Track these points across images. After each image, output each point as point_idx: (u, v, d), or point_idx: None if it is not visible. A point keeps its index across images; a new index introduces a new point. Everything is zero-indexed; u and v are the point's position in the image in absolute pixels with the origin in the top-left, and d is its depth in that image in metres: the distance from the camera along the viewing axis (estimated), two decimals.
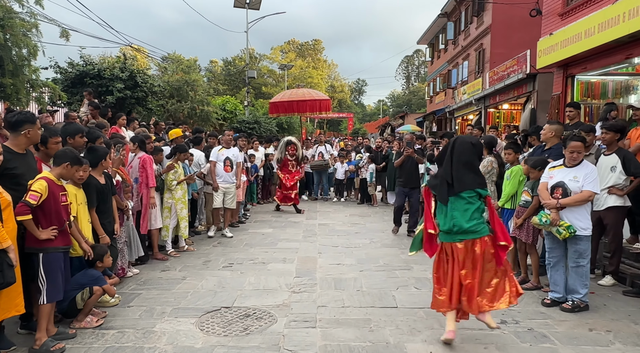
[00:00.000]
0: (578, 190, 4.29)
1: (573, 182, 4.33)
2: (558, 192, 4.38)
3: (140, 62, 22.84)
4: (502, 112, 17.86)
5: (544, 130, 5.61)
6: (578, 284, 4.38)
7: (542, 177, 4.66)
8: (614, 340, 3.80)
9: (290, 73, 50.54)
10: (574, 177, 4.35)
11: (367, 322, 4.13)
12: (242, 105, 24.97)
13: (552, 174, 4.52)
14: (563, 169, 4.47)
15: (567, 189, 4.34)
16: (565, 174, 4.41)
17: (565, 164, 4.50)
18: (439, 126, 26.36)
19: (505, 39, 18.62)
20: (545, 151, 5.63)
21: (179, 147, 6.72)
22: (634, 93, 10.26)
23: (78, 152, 3.99)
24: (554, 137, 5.51)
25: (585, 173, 4.32)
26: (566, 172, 4.43)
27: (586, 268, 4.37)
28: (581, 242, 4.34)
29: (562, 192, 4.36)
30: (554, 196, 4.40)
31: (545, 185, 4.53)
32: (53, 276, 3.59)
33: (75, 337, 3.77)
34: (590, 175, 4.31)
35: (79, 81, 12.88)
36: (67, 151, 3.89)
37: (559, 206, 4.34)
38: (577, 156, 4.39)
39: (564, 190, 4.36)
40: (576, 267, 4.39)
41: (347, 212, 10.66)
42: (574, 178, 4.34)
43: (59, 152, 3.90)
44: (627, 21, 7.75)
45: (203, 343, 3.71)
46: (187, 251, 6.73)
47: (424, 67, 63.30)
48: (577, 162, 4.41)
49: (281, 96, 14.79)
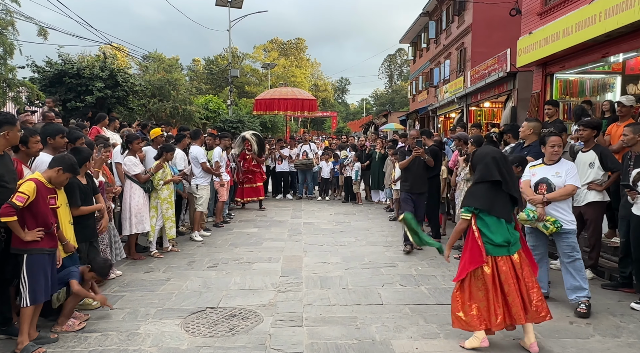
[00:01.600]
0: (562, 184, 4.36)
1: (556, 177, 4.40)
2: (542, 188, 4.44)
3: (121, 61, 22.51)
4: (484, 110, 18.09)
5: (523, 127, 5.73)
6: (580, 279, 4.35)
7: (523, 176, 4.72)
8: (593, 333, 3.89)
9: (274, 72, 50.41)
10: (556, 172, 4.43)
11: (353, 320, 4.15)
12: (225, 105, 24.81)
13: (534, 172, 4.59)
14: (544, 167, 4.55)
15: (551, 185, 4.40)
16: (547, 171, 4.49)
17: (544, 161, 4.58)
18: (421, 124, 26.59)
19: (486, 38, 18.89)
20: (524, 148, 5.75)
21: (166, 147, 6.62)
22: (610, 91, 10.49)
23: (75, 161, 3.91)
24: (532, 134, 5.63)
25: (567, 168, 4.41)
26: (547, 169, 4.51)
27: (580, 260, 4.41)
28: (571, 236, 4.39)
29: (546, 187, 4.43)
30: (538, 192, 4.45)
31: (527, 182, 4.60)
32: (35, 278, 3.52)
33: (57, 341, 3.70)
34: (571, 170, 4.41)
35: (57, 80, 12.61)
36: (65, 157, 3.84)
37: (545, 200, 4.39)
38: (558, 149, 4.46)
39: (548, 185, 4.41)
40: (572, 262, 4.38)
41: (332, 210, 10.68)
42: (557, 174, 4.41)
43: (58, 156, 3.86)
44: (603, 21, 7.92)
45: (189, 345, 3.68)
46: (171, 252, 6.66)
47: (406, 65, 63.73)
48: (557, 158, 4.49)
49: (265, 94, 14.77)
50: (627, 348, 3.61)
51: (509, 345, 3.66)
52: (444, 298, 4.70)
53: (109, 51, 17.96)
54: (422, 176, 6.83)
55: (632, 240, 4.58)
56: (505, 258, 3.51)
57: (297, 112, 14.76)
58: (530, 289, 3.51)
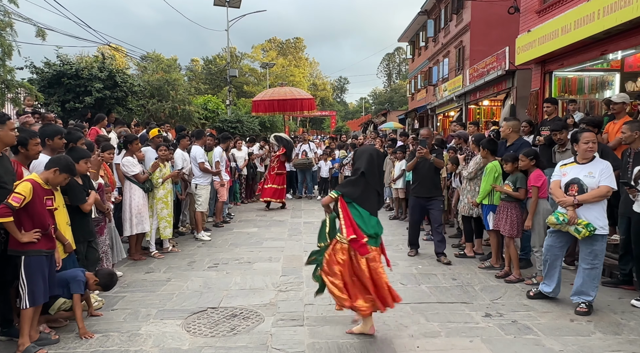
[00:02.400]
0: (595, 186, 4.13)
1: (589, 178, 4.17)
2: (573, 189, 4.22)
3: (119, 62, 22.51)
4: (483, 108, 18.10)
5: (503, 127, 5.84)
6: (590, 287, 4.23)
7: (553, 175, 4.51)
8: (594, 330, 3.89)
9: (272, 71, 50.37)
10: (589, 172, 4.18)
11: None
12: (224, 105, 24.79)
13: (565, 171, 4.36)
14: (576, 166, 4.32)
15: (583, 186, 4.18)
16: (579, 171, 4.26)
17: (577, 160, 4.35)
18: (420, 123, 26.59)
19: (485, 36, 18.88)
20: (508, 147, 5.80)
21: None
22: (609, 88, 10.50)
23: (72, 162, 3.90)
24: (512, 133, 5.76)
25: (601, 168, 4.16)
26: (580, 168, 4.27)
27: (599, 269, 4.24)
28: (597, 243, 4.18)
29: (577, 188, 4.19)
30: (569, 194, 4.25)
31: (557, 183, 4.37)
32: (34, 280, 3.51)
33: (59, 342, 3.70)
34: (605, 170, 4.14)
35: (56, 81, 12.60)
36: (61, 158, 3.83)
37: (576, 203, 4.17)
38: (592, 146, 4.22)
39: (579, 186, 4.19)
40: (590, 269, 4.23)
41: None
42: (589, 174, 4.17)
43: (55, 157, 3.85)
44: (602, 18, 7.92)
45: (190, 345, 3.68)
46: (171, 252, 6.65)
47: (405, 64, 63.75)
48: (591, 156, 4.26)
49: (264, 95, 14.74)
50: (628, 345, 3.61)
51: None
52: (444, 297, 4.70)
53: (108, 52, 17.91)
54: (431, 179, 6.19)
55: (632, 238, 4.58)
56: (374, 248, 3.76)
57: (296, 112, 14.75)
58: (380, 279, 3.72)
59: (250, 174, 11.84)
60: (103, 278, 4.11)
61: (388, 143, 10.88)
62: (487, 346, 3.59)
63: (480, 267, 5.74)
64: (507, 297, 4.68)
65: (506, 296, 4.72)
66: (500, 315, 4.22)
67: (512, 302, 4.55)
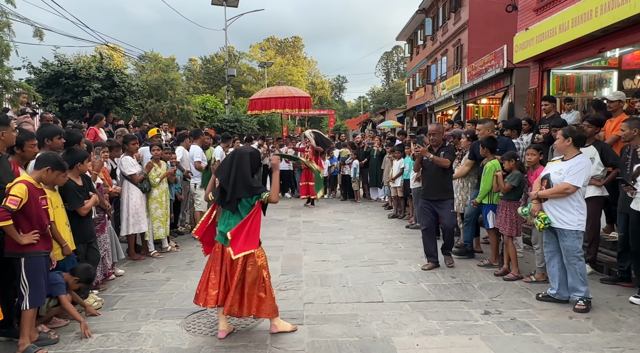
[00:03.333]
0: (559, 182, 4.26)
1: (557, 174, 4.29)
2: (544, 184, 4.39)
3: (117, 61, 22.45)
4: (481, 106, 18.11)
5: (479, 130, 5.97)
6: (576, 282, 4.25)
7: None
8: (593, 327, 3.91)
9: (270, 71, 50.36)
10: (560, 169, 4.30)
11: (353, 317, 4.16)
12: (223, 104, 24.78)
13: (547, 167, 4.55)
14: (556, 163, 4.45)
15: (550, 181, 4.34)
16: (555, 167, 4.40)
17: (562, 157, 4.46)
18: (419, 121, 26.60)
19: (483, 34, 18.89)
20: None
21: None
22: (607, 86, 10.52)
23: (61, 157, 3.90)
24: (490, 134, 5.86)
25: (570, 166, 4.24)
26: (556, 165, 4.41)
27: (578, 265, 4.24)
28: (566, 239, 4.26)
29: (546, 184, 4.36)
30: (541, 188, 4.41)
31: (539, 178, 4.55)
32: (36, 281, 3.52)
33: (58, 342, 3.70)
34: (574, 168, 4.20)
35: (53, 81, 12.60)
36: (49, 156, 3.80)
37: (536, 197, 4.39)
38: (557, 145, 4.46)
39: (548, 181, 4.35)
40: (567, 264, 4.31)
41: (331, 208, 10.69)
42: (559, 171, 4.29)
43: (42, 156, 3.81)
44: (600, 16, 7.94)
45: (190, 344, 3.68)
46: (170, 252, 6.65)
47: (403, 63, 63.74)
48: (563, 154, 4.40)
49: (260, 93, 14.75)
50: (626, 341, 3.62)
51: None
52: (443, 295, 4.71)
53: (105, 51, 17.88)
54: (439, 179, 5.63)
55: (630, 235, 4.59)
56: (222, 245, 3.70)
57: (293, 109, 14.77)
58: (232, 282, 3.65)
59: None
60: (81, 275, 4.08)
61: (387, 142, 10.89)
62: (486, 343, 3.60)
63: (479, 265, 5.75)
64: (506, 295, 4.69)
65: (505, 294, 4.73)
66: (499, 312, 4.23)
67: (511, 300, 4.56)
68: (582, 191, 4.31)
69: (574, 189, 4.20)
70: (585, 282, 4.28)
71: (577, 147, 4.35)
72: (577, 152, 4.32)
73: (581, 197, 4.30)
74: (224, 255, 3.70)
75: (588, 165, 4.26)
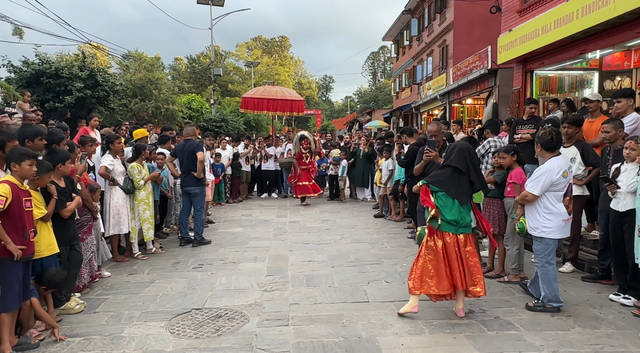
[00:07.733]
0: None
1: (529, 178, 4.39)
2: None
3: (101, 61, 22.16)
4: (466, 106, 18.29)
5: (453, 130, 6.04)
6: (542, 285, 4.24)
7: None
8: (574, 324, 3.97)
9: (257, 70, 50.14)
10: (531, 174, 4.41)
11: (339, 318, 4.16)
12: (209, 104, 24.61)
13: None
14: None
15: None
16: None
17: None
18: (405, 121, 26.76)
19: (467, 35, 19.07)
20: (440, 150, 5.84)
21: (139, 146, 6.54)
22: (588, 87, 10.70)
23: (24, 149, 3.79)
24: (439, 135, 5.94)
25: (532, 171, 4.33)
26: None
27: (542, 270, 4.22)
28: (535, 242, 4.33)
29: None
30: None
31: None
32: (9, 286, 3.44)
33: (38, 347, 3.63)
34: (534, 174, 4.21)
35: (34, 80, 12.35)
36: (11, 152, 3.68)
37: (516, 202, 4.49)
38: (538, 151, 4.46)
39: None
40: (536, 266, 4.37)
41: (317, 208, 10.69)
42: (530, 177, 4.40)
43: (12, 151, 3.69)
44: (581, 18, 8.08)
45: (174, 347, 3.65)
46: (155, 253, 6.59)
47: (389, 63, 64.00)
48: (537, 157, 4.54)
49: (254, 92, 14.63)
50: (606, 338, 3.69)
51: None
52: None
53: (88, 50, 17.63)
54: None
55: (610, 234, 4.67)
56: (451, 235, 4.05)
57: (285, 113, 14.72)
58: (470, 266, 4.07)
59: (234, 173, 11.76)
60: (47, 282, 3.89)
61: (378, 142, 10.94)
62: (470, 342, 3.64)
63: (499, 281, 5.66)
64: (489, 294, 4.71)
65: (489, 292, 4.74)
66: (483, 311, 4.28)
67: (495, 299, 4.61)
68: (557, 196, 4.16)
69: (533, 197, 4.17)
70: (549, 288, 4.18)
71: (549, 151, 4.23)
72: (551, 156, 4.22)
73: (551, 203, 4.16)
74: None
75: (548, 171, 4.10)
